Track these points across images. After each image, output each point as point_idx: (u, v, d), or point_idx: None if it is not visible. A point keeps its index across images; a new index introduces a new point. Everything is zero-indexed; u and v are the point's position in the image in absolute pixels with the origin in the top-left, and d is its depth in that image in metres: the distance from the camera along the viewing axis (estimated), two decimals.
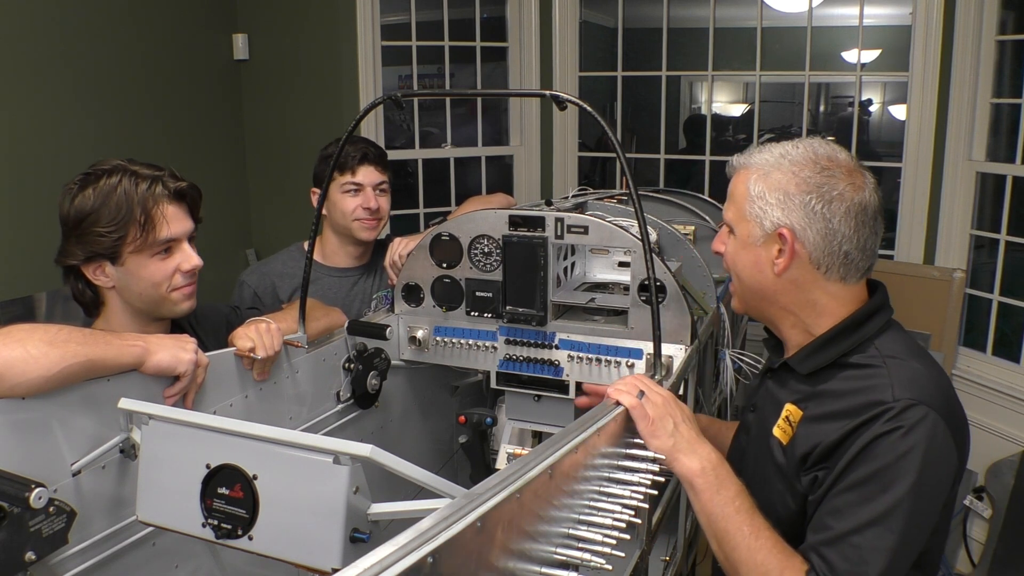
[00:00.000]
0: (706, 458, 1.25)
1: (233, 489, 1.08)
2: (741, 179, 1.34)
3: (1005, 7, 3.21)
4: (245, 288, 2.25)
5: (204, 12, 3.83)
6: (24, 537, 1.10)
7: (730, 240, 1.38)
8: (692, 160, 4.18)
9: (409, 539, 0.72)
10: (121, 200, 1.47)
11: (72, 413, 1.22)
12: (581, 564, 0.99)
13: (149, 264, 1.50)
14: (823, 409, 1.28)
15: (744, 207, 1.32)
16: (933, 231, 3.45)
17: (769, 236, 1.30)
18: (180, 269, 1.53)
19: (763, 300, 1.36)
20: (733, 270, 1.39)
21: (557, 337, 1.81)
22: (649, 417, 1.26)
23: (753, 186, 1.31)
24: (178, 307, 1.56)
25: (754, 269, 1.34)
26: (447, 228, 1.86)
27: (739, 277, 1.38)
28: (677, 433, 1.26)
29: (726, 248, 1.40)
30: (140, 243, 1.48)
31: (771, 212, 1.29)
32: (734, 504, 1.22)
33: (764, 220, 1.29)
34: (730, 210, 1.37)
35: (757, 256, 1.32)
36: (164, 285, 1.52)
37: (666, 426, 1.26)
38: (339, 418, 1.76)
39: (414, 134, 4.17)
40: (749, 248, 1.33)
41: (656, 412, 1.27)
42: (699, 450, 1.26)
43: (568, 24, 4.08)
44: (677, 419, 1.27)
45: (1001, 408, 3.20)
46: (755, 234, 1.31)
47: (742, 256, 1.35)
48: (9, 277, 2.92)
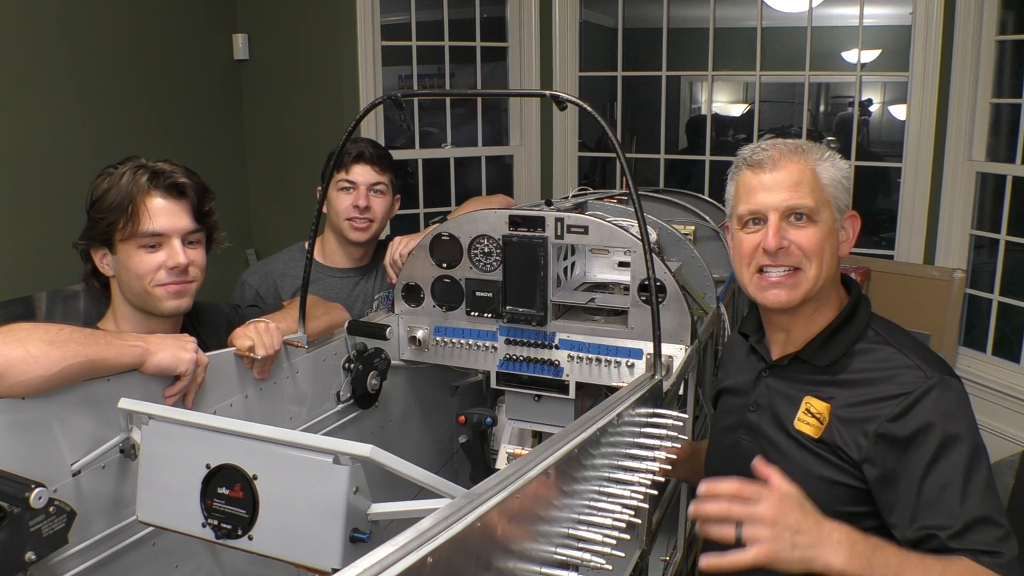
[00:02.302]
0: (840, 544, 1.12)
1: (233, 489, 1.08)
2: (802, 167, 1.35)
3: (1005, 7, 3.21)
4: (247, 288, 2.24)
5: (204, 12, 3.83)
6: (24, 537, 1.10)
7: (810, 228, 1.34)
8: (692, 160, 4.19)
9: (409, 539, 0.72)
10: (119, 191, 1.52)
11: (72, 413, 1.22)
12: (581, 564, 0.99)
13: (135, 256, 1.53)
14: (855, 396, 1.30)
15: (824, 193, 1.35)
16: (933, 231, 3.45)
17: (844, 218, 1.38)
18: (165, 266, 1.54)
19: (829, 285, 1.39)
20: (815, 258, 1.34)
21: (557, 337, 1.81)
22: (755, 553, 1.10)
23: (824, 172, 1.35)
24: (162, 304, 1.55)
25: (836, 254, 1.38)
26: (447, 228, 1.86)
27: (822, 265, 1.34)
28: (797, 544, 1.11)
29: (807, 237, 1.34)
30: (126, 232, 1.51)
31: (842, 197, 1.37)
32: (892, 564, 1.13)
33: (839, 203, 1.36)
34: (808, 198, 1.33)
35: (838, 240, 1.38)
36: (147, 279, 1.53)
37: (784, 549, 1.10)
38: (339, 418, 1.76)
39: (414, 134, 4.17)
40: (834, 233, 1.37)
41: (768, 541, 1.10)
42: (828, 540, 1.12)
43: (568, 24, 4.08)
44: (791, 529, 1.11)
45: (1001, 408, 3.20)
46: (835, 218, 1.36)
47: (830, 241, 1.36)
48: (9, 277, 2.92)
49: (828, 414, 1.32)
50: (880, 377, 1.30)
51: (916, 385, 1.25)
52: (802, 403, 1.35)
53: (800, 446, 1.34)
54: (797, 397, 1.36)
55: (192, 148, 3.69)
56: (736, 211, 1.41)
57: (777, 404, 1.40)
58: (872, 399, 1.28)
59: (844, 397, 1.32)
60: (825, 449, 1.31)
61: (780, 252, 1.34)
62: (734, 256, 1.44)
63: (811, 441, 1.33)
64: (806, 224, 1.34)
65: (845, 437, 1.29)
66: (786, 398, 1.39)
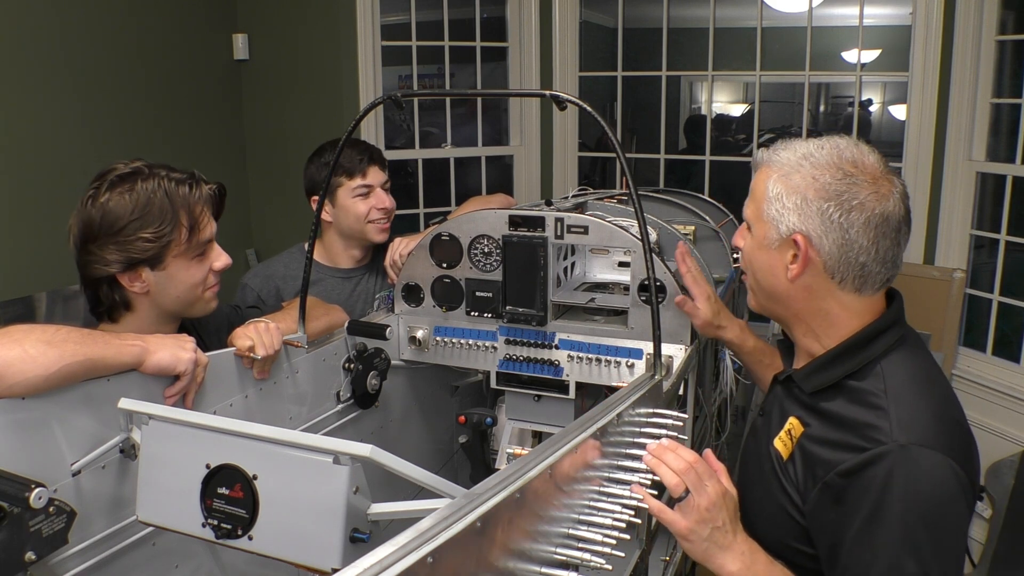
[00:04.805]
0: (741, 554, 1.18)
1: (233, 489, 1.08)
2: (762, 177, 1.30)
3: (1005, 7, 3.21)
4: (248, 291, 2.24)
5: (204, 12, 3.83)
6: (24, 537, 1.10)
7: (748, 237, 1.35)
8: (692, 160, 4.18)
9: (409, 539, 0.72)
10: (165, 204, 1.44)
11: (72, 413, 1.22)
12: (581, 564, 0.99)
13: (190, 266, 1.50)
14: (823, 433, 1.24)
15: (762, 207, 1.28)
16: (933, 231, 3.45)
17: (784, 240, 1.25)
18: (213, 268, 1.55)
19: (776, 303, 1.33)
20: (749, 268, 1.36)
21: (557, 337, 1.81)
22: (683, 523, 1.16)
23: (772, 186, 1.26)
24: (209, 305, 1.58)
25: (768, 271, 1.30)
26: (447, 228, 1.86)
27: (754, 277, 1.35)
28: (711, 538, 1.17)
29: (744, 245, 1.36)
30: (186, 246, 1.48)
31: (788, 216, 1.24)
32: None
33: (780, 223, 1.25)
34: (749, 207, 1.33)
35: (772, 259, 1.28)
36: (200, 287, 1.53)
37: (702, 532, 1.17)
38: (339, 418, 1.76)
39: (414, 134, 4.17)
40: (764, 249, 1.29)
41: (697, 517, 1.16)
42: (732, 547, 1.18)
43: (568, 24, 4.08)
44: (716, 523, 1.17)
45: (1001, 408, 3.20)
46: (771, 236, 1.27)
47: (758, 256, 1.32)
48: (9, 277, 2.92)
49: (797, 439, 1.27)
50: (851, 425, 1.20)
51: (874, 445, 1.15)
52: (787, 421, 1.31)
53: (771, 466, 1.31)
54: (787, 414, 1.32)
55: (192, 148, 3.69)
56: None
57: (774, 415, 1.38)
58: (834, 443, 1.21)
59: (815, 430, 1.26)
60: (785, 475, 1.28)
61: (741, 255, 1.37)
62: None
63: (779, 463, 1.29)
64: (749, 234, 1.34)
65: (799, 470, 1.25)
66: (780, 412, 1.35)
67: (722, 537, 1.17)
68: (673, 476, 1.16)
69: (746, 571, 1.17)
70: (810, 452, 1.24)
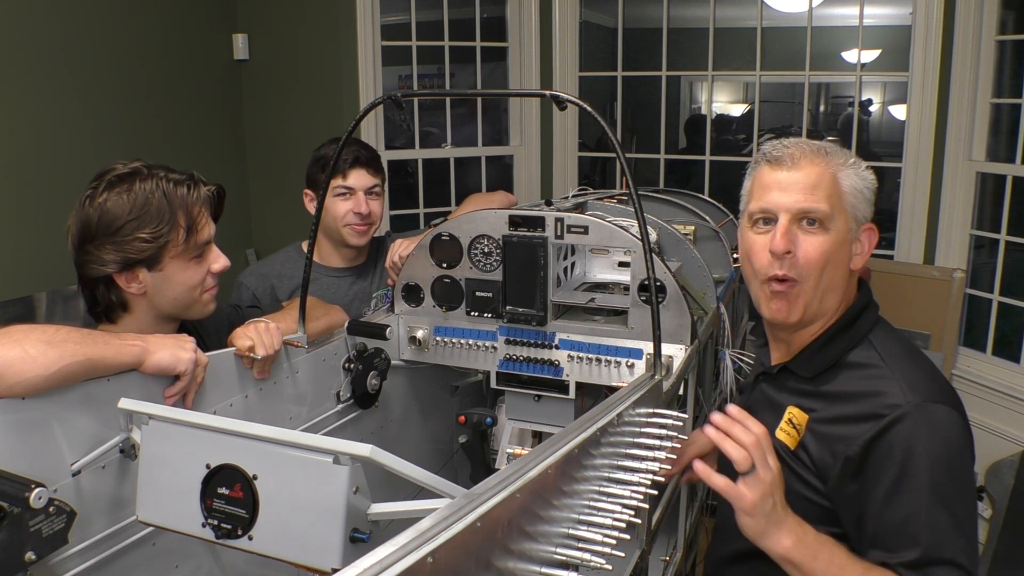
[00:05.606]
0: (793, 529, 1.16)
1: (233, 489, 1.08)
2: (822, 170, 1.27)
3: (1005, 7, 3.21)
4: (243, 290, 2.24)
5: (204, 12, 3.83)
6: (24, 537, 1.09)
7: (817, 237, 1.27)
8: (692, 160, 4.18)
9: (409, 539, 0.72)
10: (163, 204, 1.43)
11: (72, 413, 1.22)
12: (581, 564, 0.99)
13: (188, 268, 1.49)
14: (833, 412, 1.26)
15: (842, 201, 1.27)
16: (933, 231, 3.45)
17: (858, 231, 1.30)
18: (211, 270, 1.53)
19: (831, 298, 1.31)
20: (820, 268, 1.27)
21: (557, 337, 1.81)
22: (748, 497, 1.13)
23: (845, 179, 1.27)
24: (207, 308, 1.56)
25: (844, 265, 1.30)
26: (447, 228, 1.86)
27: (821, 278, 1.28)
28: (772, 513, 1.15)
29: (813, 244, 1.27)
30: (183, 247, 1.46)
31: (862, 208, 1.29)
32: (836, 563, 1.16)
33: (857, 214, 1.29)
34: (823, 202, 1.26)
35: (849, 251, 1.29)
36: (198, 288, 1.52)
37: (764, 507, 1.14)
38: (339, 418, 1.76)
39: (414, 134, 4.17)
40: (847, 244, 1.29)
41: (762, 491, 1.13)
42: (785, 522, 1.16)
43: (568, 24, 4.08)
44: (776, 497, 1.15)
45: (1001, 408, 3.20)
46: (852, 228, 1.28)
47: (840, 252, 1.27)
48: (9, 277, 2.92)
49: (805, 426, 1.29)
50: (860, 396, 1.23)
51: (891, 410, 1.18)
52: (785, 413, 1.32)
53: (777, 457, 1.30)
54: (782, 406, 1.33)
55: (192, 148, 3.69)
56: (747, 208, 1.35)
57: (764, 411, 1.37)
58: (847, 418, 1.23)
59: (823, 412, 1.27)
60: (797, 462, 1.29)
61: (785, 258, 1.27)
62: (743, 256, 1.37)
63: (787, 453, 1.30)
64: (817, 231, 1.27)
65: (815, 453, 1.26)
66: (773, 406, 1.36)
67: (776, 514, 1.15)
68: (740, 450, 1.13)
69: (800, 542, 1.15)
70: (824, 433, 1.26)
